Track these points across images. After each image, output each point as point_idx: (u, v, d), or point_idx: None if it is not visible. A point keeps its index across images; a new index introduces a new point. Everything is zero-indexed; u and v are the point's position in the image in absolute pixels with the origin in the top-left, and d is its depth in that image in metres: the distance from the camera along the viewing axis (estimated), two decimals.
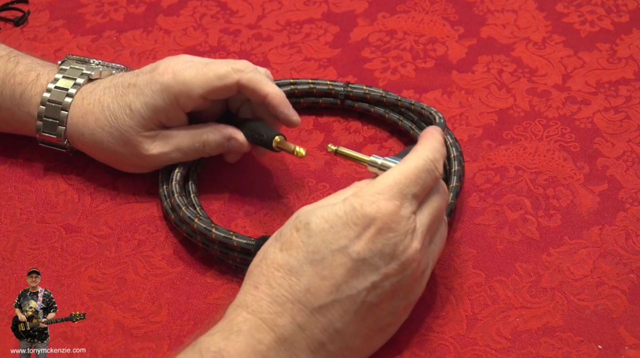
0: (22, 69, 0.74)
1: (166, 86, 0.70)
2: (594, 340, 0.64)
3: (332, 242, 0.58)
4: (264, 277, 0.58)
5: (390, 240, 0.58)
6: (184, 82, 0.70)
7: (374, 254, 0.58)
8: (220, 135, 0.72)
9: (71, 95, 0.72)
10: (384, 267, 0.58)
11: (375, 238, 0.58)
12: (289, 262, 0.58)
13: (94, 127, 0.72)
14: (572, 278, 0.69)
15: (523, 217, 0.73)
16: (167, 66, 0.71)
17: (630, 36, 0.92)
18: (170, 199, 0.72)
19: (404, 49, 0.91)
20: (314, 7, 0.97)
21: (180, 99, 0.70)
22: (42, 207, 0.75)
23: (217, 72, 0.70)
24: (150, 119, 0.71)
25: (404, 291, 0.60)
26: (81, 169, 0.78)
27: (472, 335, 0.65)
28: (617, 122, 0.82)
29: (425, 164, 0.61)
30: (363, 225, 0.58)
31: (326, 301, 0.58)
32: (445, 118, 0.82)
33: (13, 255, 0.71)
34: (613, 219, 0.73)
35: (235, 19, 0.95)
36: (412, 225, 0.59)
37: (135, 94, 0.71)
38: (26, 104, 0.73)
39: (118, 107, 0.71)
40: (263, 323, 0.57)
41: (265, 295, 0.58)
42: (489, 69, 0.88)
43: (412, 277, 0.60)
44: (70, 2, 0.98)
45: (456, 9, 0.96)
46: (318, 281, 0.58)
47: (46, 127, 0.73)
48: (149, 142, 0.71)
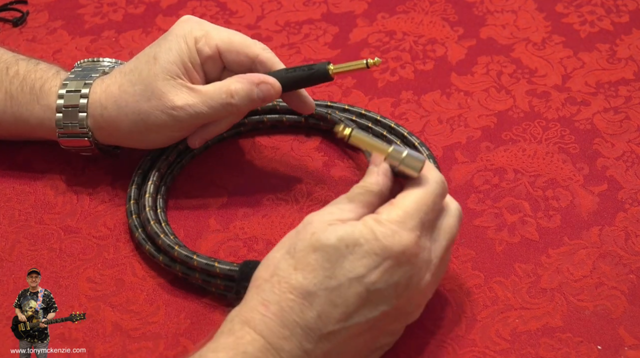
0: (43, 67, 0.75)
1: (189, 30, 0.70)
2: (594, 340, 0.64)
3: (350, 270, 0.56)
4: (275, 296, 0.56)
5: (407, 273, 0.58)
6: (207, 31, 0.70)
7: (389, 286, 0.57)
8: (247, 82, 0.69)
9: (89, 84, 0.72)
10: (396, 299, 0.58)
11: (394, 271, 0.57)
12: (303, 285, 0.56)
13: (117, 93, 0.70)
14: (571, 279, 0.68)
15: (522, 219, 0.73)
16: (192, 18, 0.72)
17: (630, 36, 0.92)
18: (147, 228, 0.70)
19: (403, 49, 0.91)
20: (314, 7, 0.97)
21: (200, 42, 0.70)
22: (41, 208, 0.75)
23: (242, 37, 0.71)
24: (174, 62, 0.69)
25: (407, 314, 0.61)
26: (80, 170, 0.78)
27: (471, 336, 0.65)
28: (616, 123, 0.82)
29: (440, 187, 0.60)
30: (383, 256, 0.57)
31: (335, 328, 0.57)
32: (444, 119, 0.82)
33: (12, 256, 0.71)
34: (613, 220, 0.73)
35: (234, 19, 0.95)
36: (428, 256, 0.59)
37: (158, 44, 0.71)
38: (45, 96, 0.72)
39: (141, 63, 0.70)
40: (271, 347, 0.56)
41: (275, 317, 0.56)
42: (489, 69, 0.88)
43: (417, 304, 0.61)
44: (69, 2, 0.98)
45: (456, 9, 0.96)
46: (330, 308, 0.56)
47: (66, 117, 0.71)
48: (174, 91, 0.69)
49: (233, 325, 0.57)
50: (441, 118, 0.83)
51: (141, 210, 0.71)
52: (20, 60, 0.75)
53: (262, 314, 0.56)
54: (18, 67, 0.74)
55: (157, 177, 0.74)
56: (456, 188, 0.76)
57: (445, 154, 0.79)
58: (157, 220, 0.70)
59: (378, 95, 0.85)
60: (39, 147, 0.79)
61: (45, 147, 0.79)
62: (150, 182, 0.73)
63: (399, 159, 0.59)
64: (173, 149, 0.76)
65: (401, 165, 0.59)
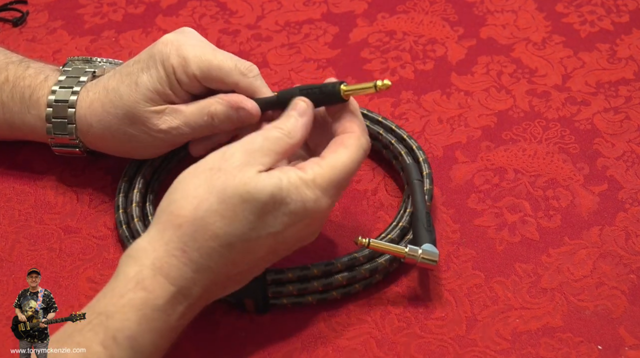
0: (31, 72, 0.74)
1: (167, 56, 0.68)
2: (594, 340, 0.64)
3: (272, 225, 0.59)
4: (196, 243, 0.57)
5: (312, 229, 0.62)
6: (185, 57, 0.68)
7: (295, 239, 0.61)
8: (227, 104, 0.68)
9: (76, 92, 0.71)
10: (294, 246, 0.63)
11: (304, 229, 0.61)
12: (227, 234, 0.57)
13: (101, 113, 0.70)
14: (572, 279, 0.68)
15: (522, 218, 0.73)
16: (173, 39, 0.69)
17: (630, 36, 0.92)
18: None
19: (403, 49, 0.91)
20: (314, 7, 0.96)
21: (177, 71, 0.68)
22: (41, 208, 0.75)
23: (220, 63, 0.68)
24: (155, 90, 0.68)
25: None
26: (80, 170, 0.78)
27: (472, 336, 0.65)
28: (617, 123, 0.82)
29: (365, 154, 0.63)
30: (302, 217, 0.60)
31: (240, 270, 0.60)
32: (444, 119, 0.82)
33: (11, 256, 0.71)
34: (613, 220, 0.73)
35: (234, 19, 0.95)
36: (328, 214, 0.64)
37: (140, 69, 0.69)
38: (35, 105, 0.73)
39: (124, 86, 0.69)
40: (180, 295, 0.57)
41: (192, 263, 0.57)
42: (489, 69, 0.88)
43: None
44: (69, 2, 0.98)
45: (456, 9, 0.96)
46: (242, 255, 0.59)
47: (56, 128, 0.72)
48: (157, 117, 0.69)
49: (142, 271, 0.57)
50: (441, 118, 0.83)
51: (130, 220, 0.71)
52: (10, 64, 0.75)
53: (179, 260, 0.57)
54: (7, 73, 0.74)
55: (142, 184, 0.73)
56: (456, 187, 0.76)
57: (446, 153, 0.79)
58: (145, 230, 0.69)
59: (378, 95, 0.85)
60: (39, 147, 0.79)
61: (45, 147, 0.79)
62: (136, 190, 0.72)
63: (416, 257, 0.65)
64: None
65: (420, 261, 0.65)
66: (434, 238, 0.67)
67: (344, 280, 0.66)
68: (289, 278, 0.66)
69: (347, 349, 0.64)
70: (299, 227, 0.60)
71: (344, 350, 0.64)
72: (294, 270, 0.66)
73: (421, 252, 0.65)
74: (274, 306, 0.67)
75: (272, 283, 0.66)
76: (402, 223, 0.69)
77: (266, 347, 0.65)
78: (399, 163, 0.75)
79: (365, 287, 0.68)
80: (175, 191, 0.59)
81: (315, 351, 0.64)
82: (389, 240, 0.68)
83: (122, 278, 0.57)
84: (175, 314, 0.57)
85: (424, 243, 0.66)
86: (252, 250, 0.59)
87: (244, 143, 0.60)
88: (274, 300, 0.66)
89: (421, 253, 0.65)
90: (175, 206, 0.58)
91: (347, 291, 0.67)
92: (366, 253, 0.67)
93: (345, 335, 0.65)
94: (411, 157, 0.74)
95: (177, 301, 0.57)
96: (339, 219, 0.74)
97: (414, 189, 0.70)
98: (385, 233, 0.69)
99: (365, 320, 0.66)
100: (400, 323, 0.66)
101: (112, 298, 0.56)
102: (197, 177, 0.59)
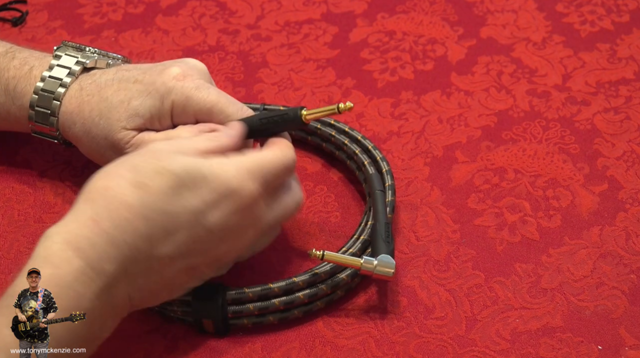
0: (16, 63, 0.73)
1: (170, 91, 0.67)
2: (594, 340, 0.64)
3: (191, 202, 0.57)
4: (108, 213, 0.55)
5: (238, 220, 0.60)
6: (189, 97, 0.67)
7: (219, 226, 0.59)
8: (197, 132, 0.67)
9: (65, 85, 0.71)
10: (220, 240, 0.60)
11: (232, 216, 0.59)
12: (141, 204, 0.56)
13: (87, 116, 0.69)
14: (572, 279, 0.68)
15: (522, 218, 0.73)
16: (179, 75, 0.68)
17: (631, 36, 0.92)
18: None
19: (403, 49, 0.91)
20: (313, 7, 0.96)
21: (177, 109, 0.67)
22: (40, 208, 0.75)
23: (224, 108, 0.67)
24: (143, 117, 0.68)
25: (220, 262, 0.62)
26: (79, 170, 0.78)
27: (472, 336, 0.65)
28: (617, 123, 0.82)
29: (290, 162, 0.63)
30: (225, 196, 0.58)
31: (163, 253, 0.58)
32: (444, 119, 0.82)
33: (10, 254, 0.71)
34: (613, 220, 0.73)
35: (234, 19, 0.95)
36: (260, 215, 0.61)
37: (139, 91, 0.68)
38: (19, 96, 0.72)
39: (117, 101, 0.68)
40: (91, 270, 0.54)
41: (105, 234, 0.55)
42: (489, 69, 0.88)
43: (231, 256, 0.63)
44: (69, 2, 0.98)
45: (456, 9, 0.96)
46: (161, 233, 0.57)
47: (38, 116, 0.71)
48: (127, 140, 0.68)
49: (53, 245, 0.55)
50: (441, 118, 0.83)
51: None
52: None
53: (91, 231, 0.55)
54: None
55: None
56: (456, 187, 0.76)
57: (446, 153, 0.79)
58: None
59: (378, 95, 0.85)
60: (39, 147, 0.79)
61: (45, 147, 0.79)
62: None
63: (372, 268, 0.64)
64: None
65: (375, 272, 0.64)
66: (391, 250, 0.65)
67: (305, 298, 0.65)
68: (249, 297, 0.64)
69: (345, 348, 0.64)
70: (225, 212, 0.59)
71: (342, 349, 0.64)
72: (253, 289, 0.64)
73: (377, 263, 0.64)
74: (234, 326, 0.65)
75: (232, 302, 0.64)
76: (363, 236, 0.68)
77: (265, 346, 0.65)
78: (362, 174, 0.74)
79: (327, 303, 0.66)
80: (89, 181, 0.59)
81: (314, 350, 0.64)
82: (350, 254, 0.66)
83: (33, 257, 0.55)
84: (88, 294, 0.54)
85: (381, 254, 0.65)
86: (172, 230, 0.57)
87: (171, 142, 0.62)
88: (234, 321, 0.64)
89: (377, 264, 0.64)
90: (89, 184, 0.58)
91: (308, 309, 0.66)
92: (327, 269, 0.65)
93: (344, 334, 0.65)
94: (374, 167, 0.73)
95: (88, 278, 0.54)
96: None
97: (375, 200, 0.69)
98: (346, 247, 0.68)
99: (364, 320, 0.66)
100: (400, 322, 0.66)
101: (21, 278, 0.55)
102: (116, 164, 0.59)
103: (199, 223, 0.58)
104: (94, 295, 0.55)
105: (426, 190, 0.76)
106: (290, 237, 0.72)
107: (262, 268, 0.69)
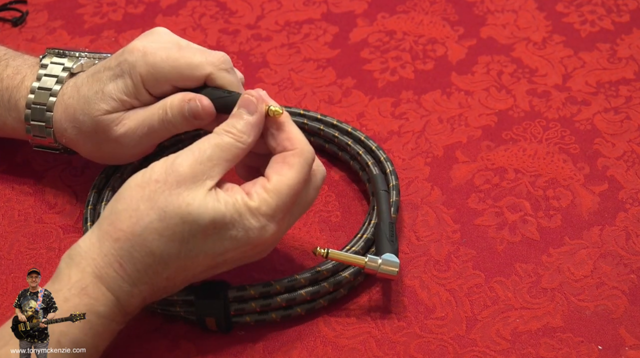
0: (9, 73, 0.73)
1: (134, 66, 0.66)
2: (594, 340, 0.64)
3: (212, 248, 0.59)
4: (133, 259, 0.58)
5: (258, 250, 0.61)
6: (153, 64, 0.65)
7: (240, 259, 0.61)
8: (180, 97, 0.65)
9: (55, 94, 0.70)
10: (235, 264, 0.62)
11: (249, 251, 0.60)
12: (164, 253, 0.58)
13: (73, 118, 0.69)
14: (572, 279, 0.68)
15: (523, 218, 0.73)
16: (139, 46, 0.67)
17: (631, 36, 0.92)
18: None
19: (403, 49, 0.91)
20: (314, 7, 0.96)
21: (147, 81, 0.66)
22: (40, 208, 0.75)
23: (189, 60, 0.66)
24: (120, 100, 0.67)
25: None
26: (80, 170, 0.78)
27: (472, 336, 0.65)
28: (617, 123, 0.82)
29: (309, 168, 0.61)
30: (244, 243, 0.59)
31: (178, 283, 0.60)
32: (445, 119, 0.82)
33: (10, 254, 0.71)
34: (613, 219, 0.73)
35: (234, 19, 0.95)
36: (281, 232, 0.62)
37: (108, 77, 0.67)
38: (14, 108, 0.72)
39: (93, 93, 0.68)
40: (120, 304, 0.58)
41: (129, 278, 0.58)
42: (489, 69, 0.88)
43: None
44: (69, 2, 0.98)
45: (456, 9, 0.96)
46: (179, 272, 0.59)
47: (34, 129, 0.71)
48: (116, 122, 0.67)
49: (85, 278, 0.57)
50: (442, 117, 0.83)
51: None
52: None
53: (117, 272, 0.58)
54: None
55: (111, 196, 0.71)
56: (457, 187, 0.76)
57: (446, 153, 0.79)
58: None
59: (378, 95, 0.85)
60: None
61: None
62: (104, 203, 0.71)
63: (376, 267, 0.64)
64: (128, 164, 0.73)
65: (379, 271, 0.64)
66: (396, 249, 0.65)
67: (308, 296, 0.65)
68: (251, 295, 0.64)
69: (346, 348, 0.64)
70: (242, 250, 0.60)
71: (343, 349, 0.64)
72: (256, 286, 0.64)
73: (381, 261, 0.64)
74: (237, 324, 0.65)
75: (234, 300, 0.64)
76: (366, 235, 0.68)
77: (266, 346, 0.65)
78: (366, 174, 0.74)
79: (330, 301, 0.66)
80: (119, 200, 0.59)
81: (315, 350, 0.64)
82: (353, 252, 0.67)
83: (65, 281, 0.58)
84: (116, 319, 0.59)
85: (386, 253, 0.65)
86: (189, 268, 0.59)
87: (194, 151, 0.59)
88: (237, 318, 0.65)
89: (381, 263, 0.64)
90: (116, 217, 0.58)
91: (311, 307, 0.66)
92: (330, 267, 0.66)
93: (344, 334, 0.65)
94: (378, 168, 0.73)
95: (118, 309, 0.58)
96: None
97: (380, 200, 0.70)
98: (349, 246, 0.68)
99: (365, 320, 0.66)
100: (400, 322, 0.66)
101: (57, 301, 0.57)
102: (142, 189, 0.58)
103: (215, 261, 0.60)
104: (122, 321, 0.60)
105: (426, 190, 0.76)
106: (291, 236, 0.72)
107: (263, 266, 0.69)
